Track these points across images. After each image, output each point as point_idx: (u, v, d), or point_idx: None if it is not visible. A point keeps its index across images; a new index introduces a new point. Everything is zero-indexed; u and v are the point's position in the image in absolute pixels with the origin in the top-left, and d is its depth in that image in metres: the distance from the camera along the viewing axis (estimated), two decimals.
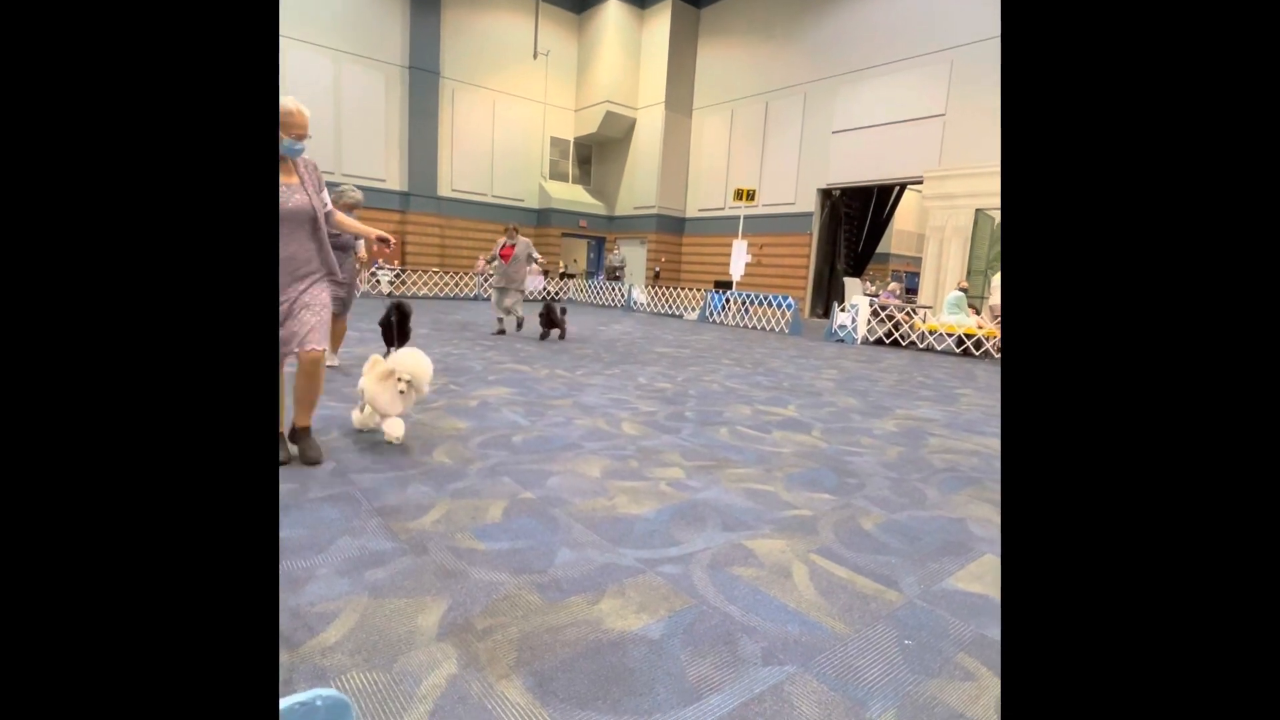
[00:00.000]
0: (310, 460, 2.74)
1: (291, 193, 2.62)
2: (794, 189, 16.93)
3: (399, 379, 2.99)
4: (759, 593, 1.89)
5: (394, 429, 3.04)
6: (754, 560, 2.11)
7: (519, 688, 1.39)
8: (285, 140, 2.55)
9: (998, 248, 12.35)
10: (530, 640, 1.57)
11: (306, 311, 2.71)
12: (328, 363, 3.76)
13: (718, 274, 17.40)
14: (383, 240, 2.96)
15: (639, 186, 20.22)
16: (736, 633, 1.67)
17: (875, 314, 10.89)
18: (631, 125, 20.30)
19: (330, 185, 3.21)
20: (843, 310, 11.09)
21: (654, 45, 19.41)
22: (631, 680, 1.44)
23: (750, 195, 14.09)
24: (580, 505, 2.50)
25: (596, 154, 21.93)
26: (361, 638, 1.53)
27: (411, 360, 3.03)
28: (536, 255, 8.29)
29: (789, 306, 12.13)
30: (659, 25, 19.16)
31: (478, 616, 1.66)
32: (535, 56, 19.71)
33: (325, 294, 2.79)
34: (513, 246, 8.09)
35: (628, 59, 19.81)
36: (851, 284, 14.54)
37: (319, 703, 0.63)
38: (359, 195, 5.33)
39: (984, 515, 2.69)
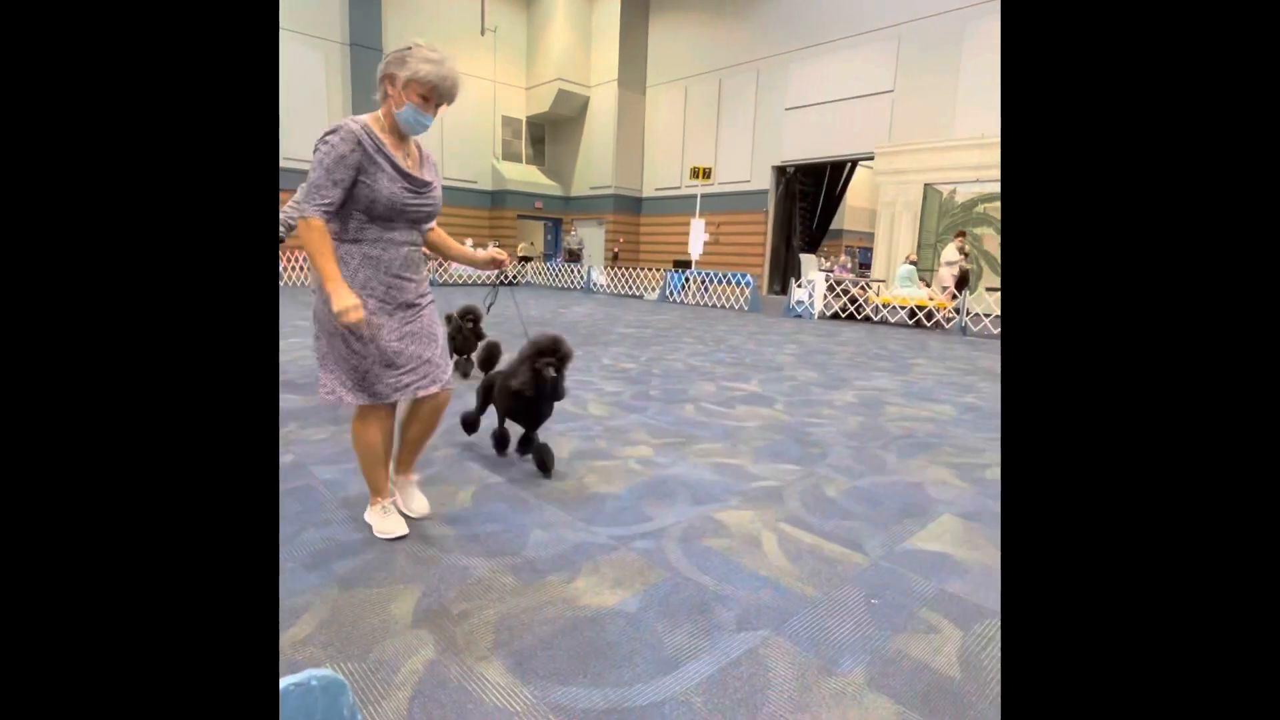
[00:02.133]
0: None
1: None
2: (749, 167, 17.00)
3: None
4: (730, 562, 1.93)
5: None
6: (724, 531, 2.15)
7: (499, 668, 1.39)
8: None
9: (947, 220, 12.70)
10: (508, 621, 1.57)
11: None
12: None
13: (676, 253, 17.41)
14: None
15: (595, 166, 19.97)
16: (711, 602, 1.71)
17: (831, 289, 11.11)
18: (585, 104, 19.97)
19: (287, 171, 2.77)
20: (800, 286, 11.26)
21: (605, 22, 19.06)
22: (611, 654, 1.46)
23: (706, 173, 14.09)
24: (551, 486, 2.50)
25: (550, 133, 21.53)
26: (334, 630, 1.50)
27: None
28: None
29: (747, 284, 12.25)
30: (609, 1, 18.81)
31: (453, 601, 1.65)
32: (483, 33, 19.12)
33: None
34: None
35: (579, 36, 19.41)
36: (808, 260, 14.77)
37: (314, 683, 0.62)
38: None
39: (941, 478, 2.80)
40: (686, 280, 13.61)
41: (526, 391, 2.43)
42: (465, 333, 4.41)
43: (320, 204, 1.66)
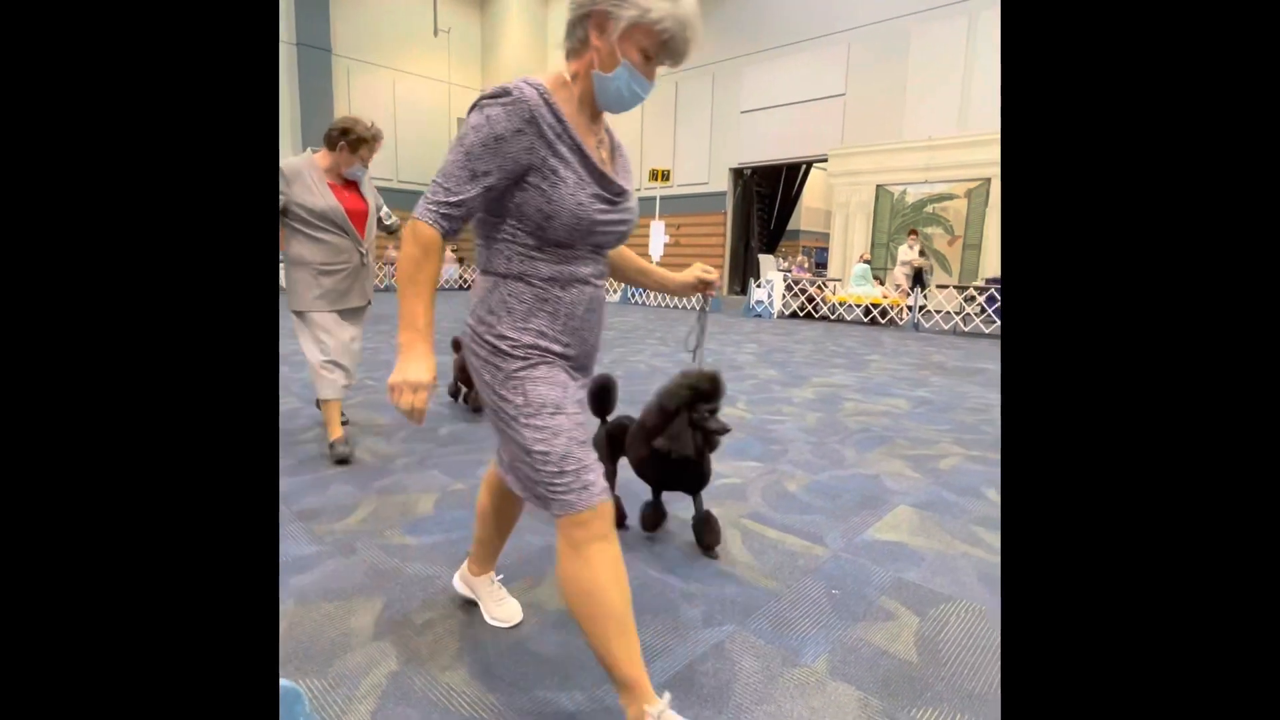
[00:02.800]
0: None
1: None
2: (707, 169, 17.18)
3: None
4: (696, 560, 1.95)
5: None
6: (690, 530, 2.17)
7: (464, 677, 1.37)
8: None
9: (898, 220, 13.08)
10: (473, 629, 1.55)
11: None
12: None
13: (637, 255, 17.44)
14: None
15: None
16: (677, 600, 1.72)
17: (789, 289, 11.31)
18: None
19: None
20: (759, 286, 11.43)
21: (560, 24, 18.90)
22: (578, 656, 1.46)
23: (665, 176, 14.18)
24: None
25: None
26: (292, 646, 1.46)
27: None
28: (390, 217, 3.54)
29: None
30: (564, 3, 18.75)
31: (415, 612, 1.62)
32: (436, 34, 18.82)
33: None
34: (356, 189, 3.29)
35: (534, 38, 19.30)
36: (766, 261, 15.00)
37: None
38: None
39: (896, 470, 2.89)
40: None
41: (692, 455, 1.84)
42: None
43: (442, 203, 1.04)
